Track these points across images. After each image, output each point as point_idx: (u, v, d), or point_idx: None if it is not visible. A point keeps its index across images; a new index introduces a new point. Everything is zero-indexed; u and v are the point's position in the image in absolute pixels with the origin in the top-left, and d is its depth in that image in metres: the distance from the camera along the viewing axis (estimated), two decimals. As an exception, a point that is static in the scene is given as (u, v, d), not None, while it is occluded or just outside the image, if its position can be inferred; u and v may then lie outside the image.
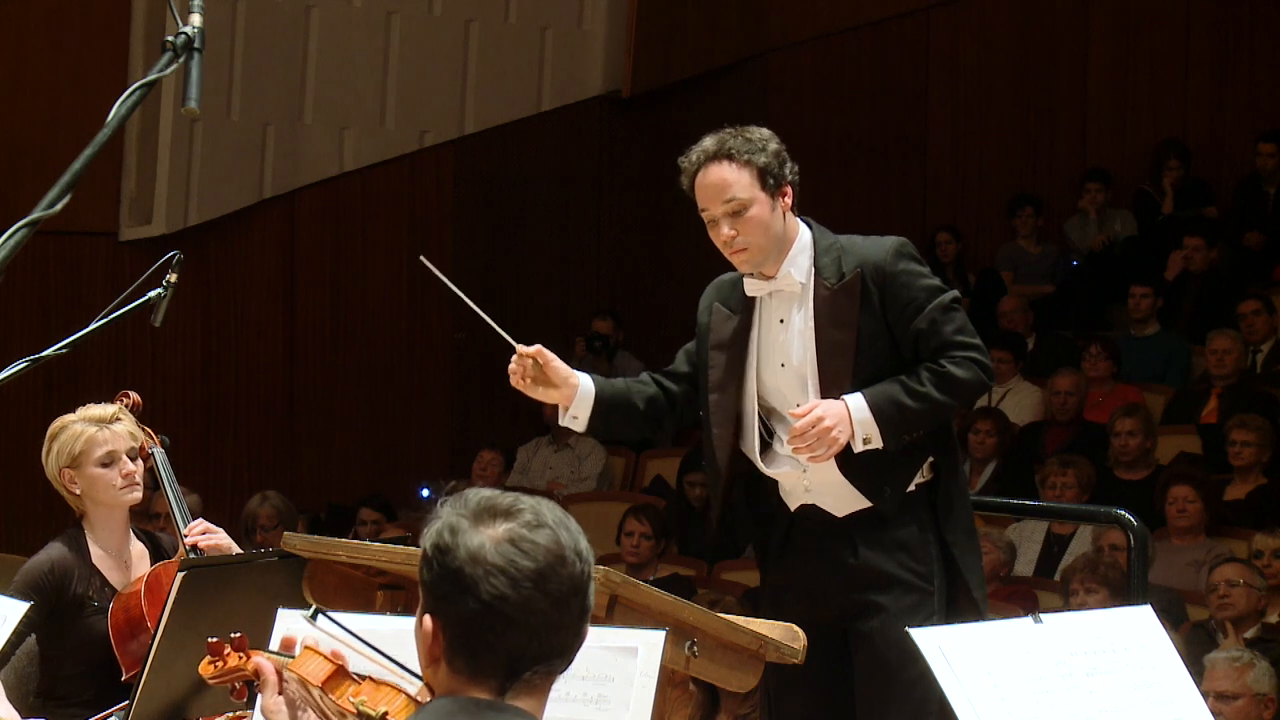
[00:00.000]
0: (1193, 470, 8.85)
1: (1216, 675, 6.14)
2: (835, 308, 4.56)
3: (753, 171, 4.55)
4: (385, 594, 4.26)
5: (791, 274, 4.61)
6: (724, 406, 4.68)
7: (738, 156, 4.55)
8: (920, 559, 4.60)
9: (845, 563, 4.60)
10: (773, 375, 4.66)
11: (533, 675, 2.52)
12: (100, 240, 10.73)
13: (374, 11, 11.51)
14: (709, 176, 4.57)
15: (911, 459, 4.60)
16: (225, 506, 10.15)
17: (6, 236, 2.80)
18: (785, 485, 4.69)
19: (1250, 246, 11.95)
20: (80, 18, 10.66)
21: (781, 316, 4.65)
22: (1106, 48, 13.14)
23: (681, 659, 3.81)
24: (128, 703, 4.35)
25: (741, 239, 4.55)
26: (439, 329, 11.80)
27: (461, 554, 2.49)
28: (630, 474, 11.14)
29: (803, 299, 4.61)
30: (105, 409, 4.93)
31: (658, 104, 12.46)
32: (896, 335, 4.56)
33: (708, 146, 4.58)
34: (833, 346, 4.56)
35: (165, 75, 2.97)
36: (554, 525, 2.54)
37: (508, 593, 2.47)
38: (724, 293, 4.79)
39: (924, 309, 4.55)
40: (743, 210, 4.54)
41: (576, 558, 2.53)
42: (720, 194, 4.55)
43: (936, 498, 4.65)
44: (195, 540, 4.89)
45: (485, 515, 2.52)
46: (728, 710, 6.40)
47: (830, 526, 4.63)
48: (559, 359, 4.74)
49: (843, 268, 4.58)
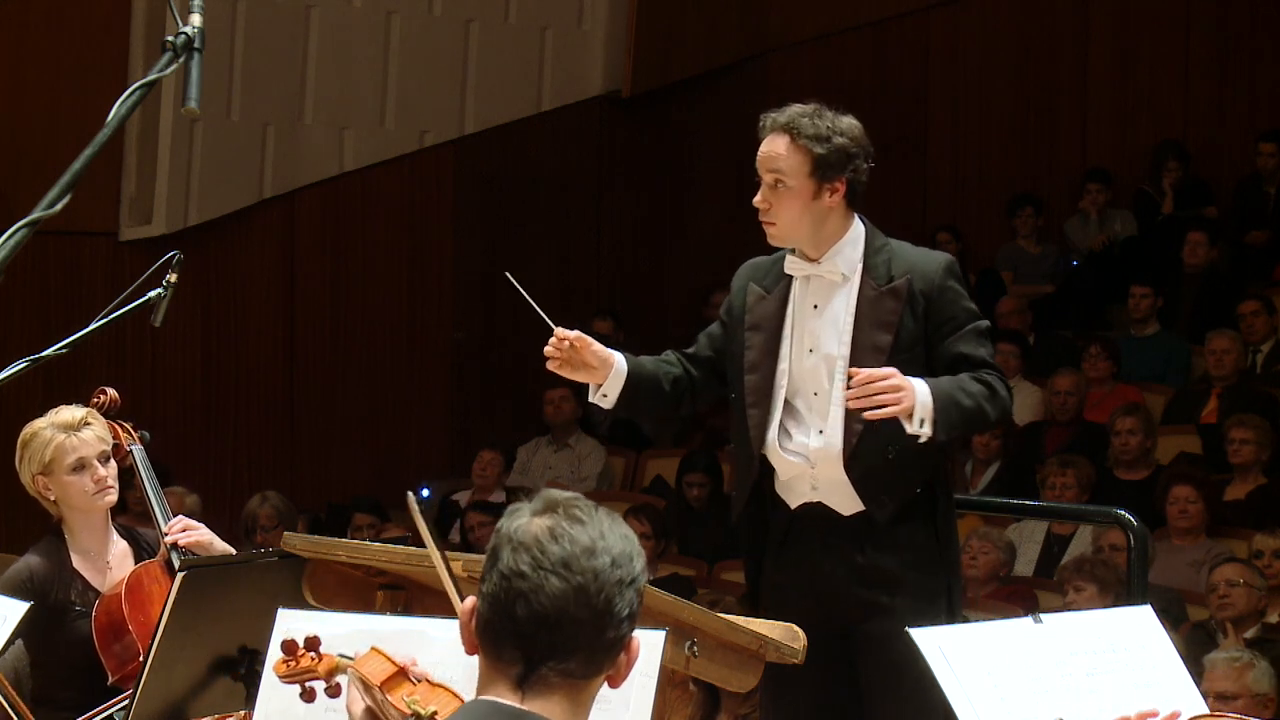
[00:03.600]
0: (1193, 470, 8.85)
1: (1216, 675, 6.14)
2: (880, 308, 4.57)
3: (806, 157, 4.57)
4: (385, 594, 4.26)
5: (837, 263, 4.62)
6: (759, 388, 4.66)
7: (799, 137, 4.58)
8: (927, 561, 4.61)
9: (853, 562, 4.59)
10: (799, 360, 4.64)
11: (549, 671, 2.51)
12: (100, 240, 10.73)
13: (374, 11, 11.50)
14: (767, 144, 4.62)
15: (914, 471, 4.60)
16: (225, 506, 10.15)
17: (6, 236, 2.80)
18: (789, 481, 4.66)
19: (1252, 244, 11.95)
20: (80, 18, 10.66)
21: (816, 302, 4.64)
22: (1106, 48, 13.14)
23: (681, 659, 3.80)
24: (128, 703, 4.35)
25: (771, 213, 4.58)
26: (439, 329, 11.80)
27: (503, 533, 2.56)
28: (630, 474, 11.14)
29: (845, 291, 4.61)
30: (75, 413, 4.87)
31: (658, 104, 12.46)
32: (930, 349, 4.57)
33: (780, 114, 4.64)
34: (870, 346, 4.55)
35: (165, 75, 2.97)
36: (599, 526, 2.56)
37: (526, 570, 2.51)
38: (758, 273, 4.78)
39: (962, 328, 4.58)
40: (782, 187, 4.56)
41: (610, 559, 2.54)
42: (767, 164, 4.60)
43: (936, 503, 4.65)
44: (176, 538, 4.85)
45: (542, 508, 2.57)
46: (728, 710, 6.40)
47: (835, 525, 4.62)
48: (598, 344, 4.72)
49: (892, 271, 4.59)
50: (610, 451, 11.05)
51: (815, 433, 4.61)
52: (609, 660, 2.57)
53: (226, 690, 4.36)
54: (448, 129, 11.83)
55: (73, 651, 4.80)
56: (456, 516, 10.16)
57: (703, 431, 11.06)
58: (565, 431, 10.99)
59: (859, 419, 4.52)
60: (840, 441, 4.58)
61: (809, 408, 4.62)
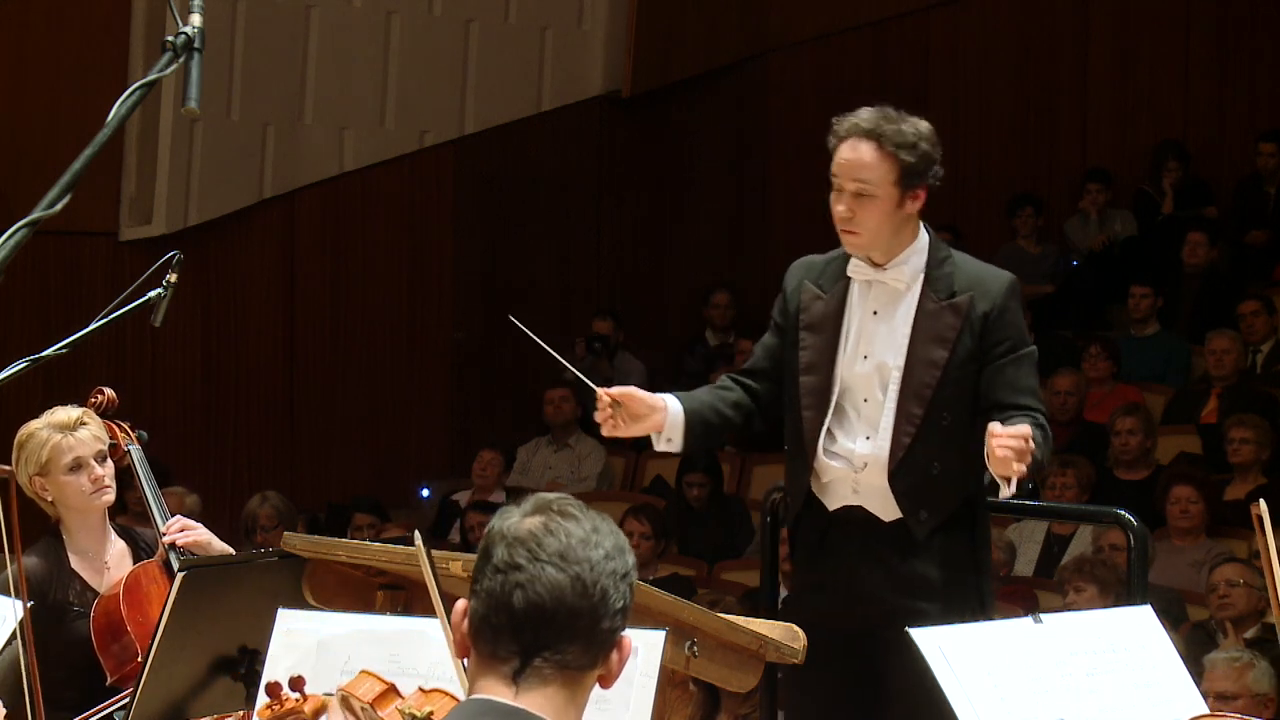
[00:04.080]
0: (1194, 470, 8.85)
1: (1216, 675, 6.14)
2: (939, 323, 4.51)
3: (894, 165, 4.48)
4: (385, 594, 4.26)
5: (903, 271, 4.54)
6: (816, 389, 4.58)
7: (885, 144, 4.48)
8: (962, 569, 4.55)
9: (890, 568, 4.53)
10: (852, 364, 4.57)
11: (543, 664, 2.52)
12: (100, 240, 10.72)
13: (374, 11, 11.50)
14: (850, 150, 4.49)
15: (955, 487, 4.56)
16: (225, 506, 10.15)
17: (6, 236, 2.80)
18: (829, 483, 4.59)
19: (1252, 244, 11.95)
20: (80, 18, 10.66)
21: (877, 309, 4.57)
22: (1106, 48, 13.14)
23: (681, 659, 3.80)
24: (127, 703, 4.35)
25: (855, 221, 4.48)
26: (439, 329, 11.80)
27: (495, 531, 2.58)
28: (630, 474, 11.13)
29: (905, 301, 4.55)
30: (70, 413, 4.86)
31: (658, 104, 12.46)
32: (982, 365, 4.51)
33: (862, 120, 4.50)
34: (926, 360, 4.50)
35: (165, 75, 2.97)
36: (591, 521, 2.58)
37: (523, 562, 2.52)
38: (813, 272, 4.68)
39: (1016, 350, 4.53)
40: (867, 196, 4.48)
41: (604, 551, 2.56)
42: (853, 172, 4.48)
43: (976, 515, 4.62)
44: (174, 538, 4.84)
45: (533, 508, 2.59)
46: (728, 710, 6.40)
47: (874, 529, 4.56)
48: (642, 390, 4.57)
49: (954, 285, 4.53)
50: (610, 451, 11.05)
51: (862, 438, 4.55)
52: (603, 654, 2.57)
53: (226, 690, 4.36)
54: (448, 129, 11.83)
55: (71, 652, 4.79)
56: (456, 516, 10.15)
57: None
58: (565, 431, 10.99)
59: (908, 431, 4.48)
60: (887, 451, 4.52)
61: (857, 413, 4.56)
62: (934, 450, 4.50)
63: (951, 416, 4.52)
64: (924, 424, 4.50)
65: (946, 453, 4.49)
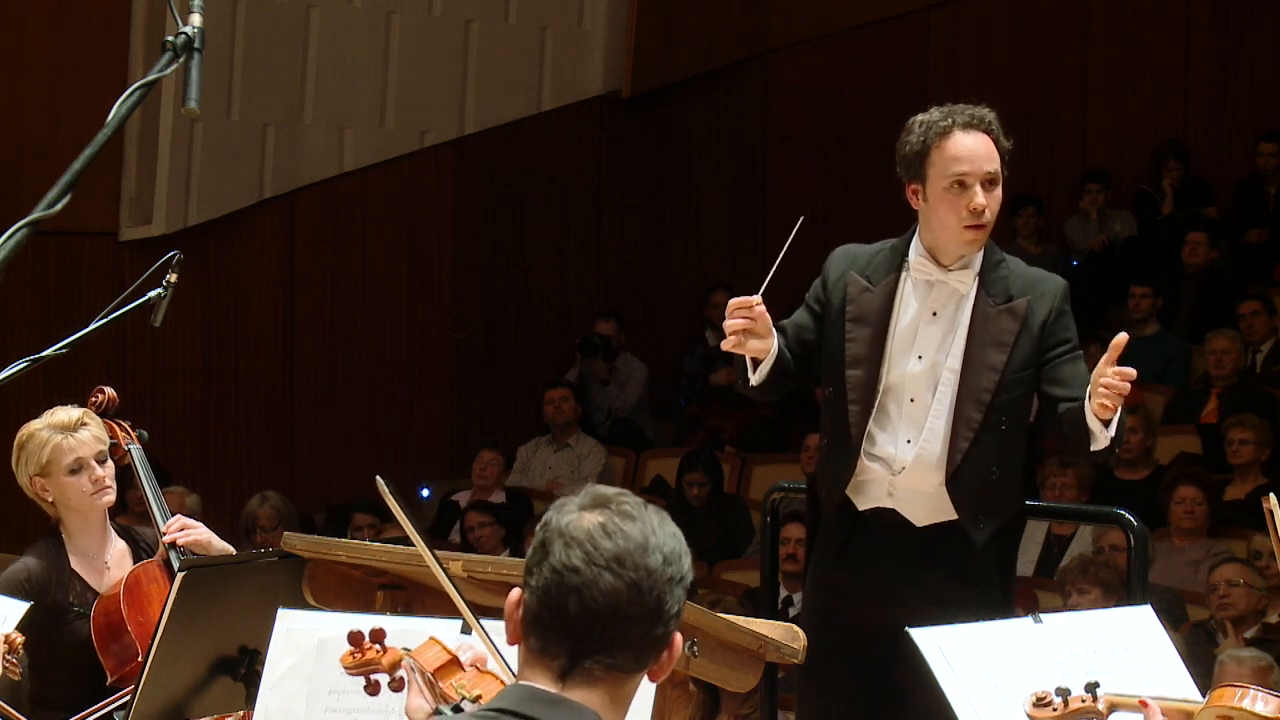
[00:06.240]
0: (1194, 470, 8.85)
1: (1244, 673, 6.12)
2: (997, 327, 4.47)
3: (1002, 158, 4.49)
4: (385, 594, 4.26)
5: (967, 273, 4.50)
6: (864, 384, 4.51)
7: (998, 137, 4.49)
8: (992, 578, 4.51)
9: (920, 572, 4.48)
10: (902, 363, 4.51)
11: (593, 665, 2.51)
12: (100, 240, 10.72)
13: (374, 11, 11.50)
14: (975, 140, 4.47)
15: (1013, 492, 4.53)
16: (225, 506, 10.14)
17: (6, 236, 2.80)
18: (864, 483, 4.53)
19: (1252, 244, 11.95)
20: (80, 18, 10.65)
21: (936, 309, 4.51)
22: (1106, 48, 13.14)
23: (682, 659, 3.80)
24: (127, 703, 4.35)
25: (988, 214, 4.46)
26: (439, 329, 11.79)
27: (553, 527, 2.54)
28: (630, 474, 11.13)
29: (963, 304, 4.50)
30: (71, 414, 4.85)
31: (658, 104, 12.46)
32: (1040, 365, 4.49)
33: (970, 112, 4.48)
34: (984, 364, 4.46)
35: (165, 75, 2.97)
36: (649, 523, 2.55)
37: (579, 565, 2.49)
38: (859, 264, 4.61)
39: (1074, 352, 4.54)
40: (995, 187, 4.47)
41: (662, 557, 2.53)
42: (985, 163, 4.45)
43: (1015, 531, 4.61)
44: (174, 538, 4.84)
45: (591, 503, 2.56)
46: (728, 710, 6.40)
47: (905, 533, 4.50)
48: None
49: (1010, 289, 4.50)
50: (610, 451, 11.05)
51: (904, 441, 4.50)
52: (654, 657, 2.56)
53: (226, 690, 4.36)
54: (448, 129, 11.83)
55: (71, 652, 4.79)
56: (456, 516, 10.15)
57: (703, 431, 11.06)
58: (565, 431, 10.99)
59: (966, 435, 4.44)
60: (934, 454, 4.46)
61: (900, 414, 4.50)
62: (992, 456, 4.46)
63: (1009, 421, 4.48)
64: (982, 429, 4.45)
65: (1005, 459, 4.46)
